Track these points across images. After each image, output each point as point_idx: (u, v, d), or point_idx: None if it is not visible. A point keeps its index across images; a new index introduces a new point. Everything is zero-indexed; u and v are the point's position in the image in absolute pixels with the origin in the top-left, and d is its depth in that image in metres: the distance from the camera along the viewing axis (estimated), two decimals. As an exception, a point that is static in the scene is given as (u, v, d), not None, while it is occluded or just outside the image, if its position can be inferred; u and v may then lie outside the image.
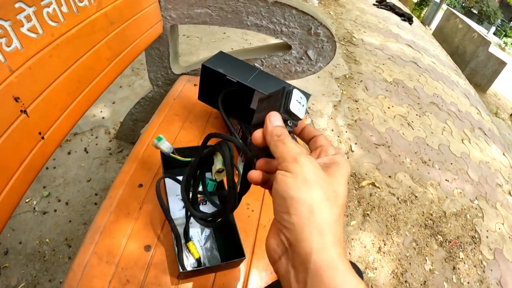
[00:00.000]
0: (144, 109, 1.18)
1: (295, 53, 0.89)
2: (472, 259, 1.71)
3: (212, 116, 0.85)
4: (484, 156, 2.56)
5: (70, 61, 0.62)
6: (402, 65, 3.23)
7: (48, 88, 0.57)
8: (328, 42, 0.86)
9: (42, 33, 0.54)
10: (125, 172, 0.69)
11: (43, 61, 0.55)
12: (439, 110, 2.84)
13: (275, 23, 0.83)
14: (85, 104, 0.68)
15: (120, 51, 0.78)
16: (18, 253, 1.06)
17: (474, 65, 5.46)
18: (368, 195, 1.73)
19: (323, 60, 0.89)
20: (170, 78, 1.04)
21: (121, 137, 1.39)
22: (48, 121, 0.58)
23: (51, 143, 0.59)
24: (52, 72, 0.58)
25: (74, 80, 0.63)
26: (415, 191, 1.93)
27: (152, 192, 0.66)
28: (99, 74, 0.71)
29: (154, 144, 0.60)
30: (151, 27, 0.87)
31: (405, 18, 4.87)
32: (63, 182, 1.24)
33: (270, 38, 2.68)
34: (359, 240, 1.52)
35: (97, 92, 0.72)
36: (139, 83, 1.77)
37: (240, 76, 0.66)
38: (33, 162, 0.55)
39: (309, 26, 0.83)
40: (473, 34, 5.51)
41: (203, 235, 0.61)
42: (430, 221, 1.83)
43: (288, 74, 0.93)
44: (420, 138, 2.34)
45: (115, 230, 0.59)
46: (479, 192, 2.17)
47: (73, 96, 0.64)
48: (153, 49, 0.99)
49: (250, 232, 0.67)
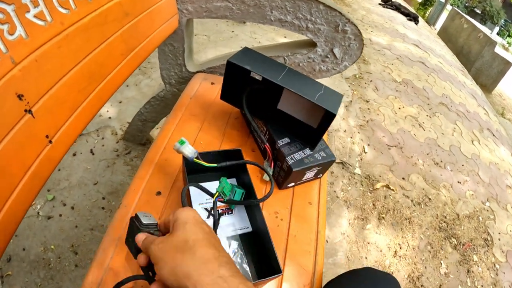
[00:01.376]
0: (154, 109, 1.12)
1: (320, 51, 0.83)
2: (485, 262, 1.69)
3: (232, 117, 0.80)
4: (493, 157, 2.54)
5: (82, 54, 0.55)
6: (410, 65, 3.18)
7: (56, 84, 0.50)
8: (355, 40, 0.80)
9: (50, 20, 0.48)
10: (141, 177, 0.63)
11: (51, 52, 0.48)
12: (448, 110, 2.80)
13: (301, 18, 0.77)
14: (97, 103, 0.62)
15: (134, 46, 0.72)
16: (21, 260, 1.00)
17: (480, 65, 5.41)
18: (382, 198, 1.68)
19: (349, 59, 0.83)
20: (184, 76, 0.98)
21: (129, 138, 1.34)
22: (56, 122, 0.51)
23: (60, 147, 0.53)
24: (61, 66, 0.51)
25: (85, 75, 0.57)
26: (428, 193, 1.89)
27: (172, 200, 0.60)
28: (112, 70, 0.65)
29: (176, 148, 0.54)
30: (167, 20, 0.81)
31: (410, 17, 4.82)
32: (68, 185, 1.18)
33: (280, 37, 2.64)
34: (375, 244, 1.48)
35: (110, 90, 0.66)
36: (146, 82, 1.71)
37: (268, 73, 0.60)
38: (40, 168, 0.48)
39: (337, 22, 0.78)
40: (478, 34, 5.46)
41: (231, 248, 0.55)
42: (444, 223, 1.81)
43: (311, 73, 0.88)
44: (432, 139, 2.30)
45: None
46: (490, 194, 2.15)
47: (84, 94, 0.58)
48: (166, 45, 0.93)
49: (279, 243, 0.61)
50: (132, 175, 1.26)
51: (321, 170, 0.70)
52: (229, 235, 0.57)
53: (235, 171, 0.64)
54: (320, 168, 0.68)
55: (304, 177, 0.68)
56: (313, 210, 0.69)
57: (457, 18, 6.14)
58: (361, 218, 1.55)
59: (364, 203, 1.61)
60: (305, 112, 0.64)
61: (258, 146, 0.73)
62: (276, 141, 0.64)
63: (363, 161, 1.80)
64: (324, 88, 0.63)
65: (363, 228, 1.52)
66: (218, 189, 0.52)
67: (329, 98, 0.60)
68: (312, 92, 0.59)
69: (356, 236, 1.47)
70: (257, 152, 0.72)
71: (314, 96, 0.58)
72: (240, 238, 0.58)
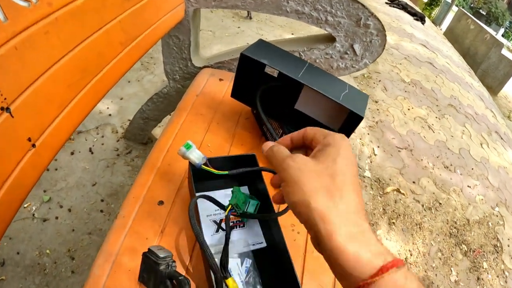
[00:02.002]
0: (157, 106, 1.06)
1: (339, 47, 0.76)
2: (494, 269, 1.66)
3: (243, 116, 0.73)
4: (502, 161, 2.50)
5: (73, 42, 0.48)
6: (418, 65, 3.11)
7: (41, 77, 0.42)
8: (377, 35, 0.74)
9: (35, 1, 0.40)
10: (141, 184, 0.56)
11: (36, 39, 0.41)
12: (457, 112, 2.74)
13: (320, 10, 0.70)
14: (91, 100, 0.55)
15: (135, 35, 0.65)
16: (16, 265, 0.94)
17: (486, 67, 5.34)
18: (393, 202, 1.62)
19: (369, 56, 0.77)
20: (190, 71, 0.92)
21: (130, 136, 1.27)
22: (40, 123, 0.44)
23: (45, 152, 0.45)
24: (47, 56, 0.43)
25: (77, 67, 0.49)
26: (439, 198, 1.84)
27: (176, 211, 0.53)
28: (109, 62, 0.58)
29: (182, 153, 0.47)
30: (172, 9, 0.74)
31: (417, 17, 4.74)
32: (65, 186, 1.12)
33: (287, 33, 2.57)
34: (385, 251, 1.43)
35: (107, 86, 0.59)
36: (149, 78, 1.65)
37: (287, 69, 0.54)
38: (22, 177, 0.41)
39: (359, 16, 0.71)
40: (485, 35, 5.38)
41: (244, 266, 0.49)
42: (455, 229, 1.78)
43: (328, 70, 0.81)
44: (441, 141, 2.24)
45: (131, 259, 0.47)
46: (499, 199, 2.12)
47: (76, 89, 0.50)
48: (171, 38, 0.87)
49: (296, 260, 0.55)
50: (132, 176, 1.20)
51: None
52: (240, 252, 0.51)
53: (247, 177, 0.57)
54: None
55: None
56: (331, 221, 0.63)
57: (463, 19, 6.06)
58: (372, 223, 1.49)
59: (374, 207, 1.55)
60: (326, 113, 0.58)
61: (272, 149, 0.66)
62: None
63: (373, 164, 1.74)
64: (348, 87, 0.57)
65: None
66: (231, 201, 0.46)
67: (355, 98, 0.54)
68: (336, 92, 0.53)
69: (366, 243, 1.42)
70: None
71: (338, 96, 0.52)
72: (253, 255, 0.52)
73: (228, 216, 0.45)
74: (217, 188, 0.56)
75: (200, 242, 0.39)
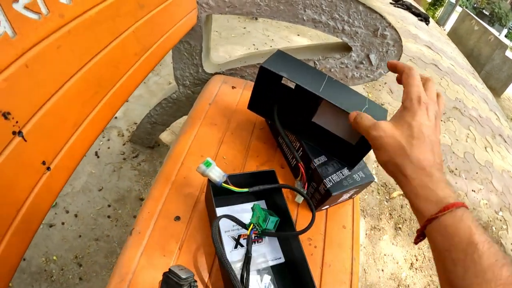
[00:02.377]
0: (166, 111, 1.05)
1: (354, 56, 0.75)
2: None
3: (257, 126, 0.72)
4: (506, 165, 2.49)
5: (87, 56, 0.45)
6: (423, 67, 3.09)
7: (53, 96, 0.39)
8: (394, 46, 0.72)
9: (46, 13, 0.37)
10: (155, 198, 0.55)
11: (48, 55, 0.38)
12: (461, 115, 2.73)
13: (337, 19, 0.68)
14: (106, 115, 0.52)
15: (149, 45, 0.63)
16: (22, 271, 0.93)
17: (490, 68, 5.31)
18: (399, 207, 1.62)
19: (384, 67, 0.75)
20: (200, 77, 0.90)
21: (136, 140, 1.26)
22: (54, 144, 0.41)
23: (60, 174, 0.43)
24: (60, 72, 0.40)
25: (92, 83, 0.46)
26: (444, 203, 1.83)
27: (193, 226, 0.52)
28: (124, 74, 0.56)
29: (201, 171, 0.46)
30: (185, 15, 0.73)
31: (421, 18, 4.71)
32: (71, 190, 1.10)
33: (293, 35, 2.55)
34: (392, 255, 1.43)
35: (122, 99, 0.57)
36: (155, 80, 1.63)
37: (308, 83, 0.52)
38: (37, 203, 0.38)
39: (376, 26, 0.69)
40: (489, 36, 5.36)
41: (263, 283, 0.48)
42: None
43: (343, 80, 0.79)
44: (446, 145, 2.23)
45: (148, 277, 0.46)
46: (503, 203, 2.12)
47: (90, 106, 0.47)
48: (182, 43, 0.85)
49: (314, 273, 0.53)
50: (139, 181, 1.18)
51: (357, 191, 0.62)
52: (259, 268, 0.50)
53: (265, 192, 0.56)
54: (357, 189, 0.61)
55: (340, 199, 0.61)
56: (347, 235, 0.62)
57: (467, 19, 6.03)
58: (378, 228, 1.48)
59: (381, 212, 1.54)
60: (344, 128, 0.56)
61: (288, 162, 0.65)
62: (312, 159, 0.57)
63: (379, 168, 1.73)
64: (368, 101, 0.55)
65: (380, 239, 1.46)
66: (252, 220, 0.45)
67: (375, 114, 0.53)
68: (355, 107, 0.52)
69: (372, 248, 1.41)
70: (287, 169, 0.65)
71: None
72: (272, 271, 0.51)
73: (251, 236, 0.43)
74: (235, 203, 0.55)
75: (225, 267, 0.38)
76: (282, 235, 0.49)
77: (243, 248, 0.50)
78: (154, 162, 1.27)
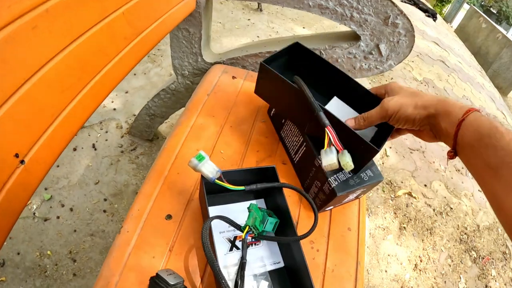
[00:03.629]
0: (164, 103, 1.01)
1: (363, 46, 0.70)
2: (503, 277, 1.63)
3: (258, 119, 0.68)
4: None
5: (69, 38, 0.41)
6: (431, 64, 3.02)
7: (28, 81, 0.36)
8: (405, 36, 0.68)
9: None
10: (146, 195, 0.51)
11: (22, 36, 0.35)
12: (469, 113, 2.67)
13: (345, 6, 0.64)
14: (90, 104, 0.48)
15: (142, 28, 0.58)
16: (16, 266, 0.91)
17: (497, 67, 5.21)
18: (404, 206, 1.57)
19: (395, 58, 0.71)
20: (200, 67, 0.86)
21: (135, 133, 1.22)
22: (29, 135, 0.38)
23: (37, 168, 0.39)
24: (36, 56, 0.37)
25: (73, 68, 0.42)
26: (450, 202, 1.79)
27: (185, 226, 0.48)
28: (112, 60, 0.51)
29: (193, 166, 0.41)
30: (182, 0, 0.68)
31: (429, 14, 4.61)
32: (67, 184, 1.07)
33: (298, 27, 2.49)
34: (396, 256, 1.39)
35: (108, 87, 0.52)
36: (156, 71, 1.59)
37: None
38: (9, 200, 0.35)
39: (387, 14, 0.65)
40: (497, 35, 5.25)
41: (261, 290, 0.44)
42: (465, 235, 1.74)
43: (350, 71, 0.75)
44: (453, 143, 2.17)
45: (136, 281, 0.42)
46: None
47: (71, 93, 0.43)
48: (180, 31, 0.81)
49: (315, 279, 0.50)
50: (137, 175, 1.15)
51: (364, 191, 0.58)
52: (257, 273, 0.46)
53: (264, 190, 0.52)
54: (364, 189, 0.56)
55: (345, 200, 0.56)
56: (352, 238, 0.58)
57: (475, 17, 5.91)
58: (382, 228, 1.44)
59: (386, 211, 1.50)
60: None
61: (290, 157, 0.61)
62: (316, 156, 0.53)
63: (384, 166, 1.68)
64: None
65: (384, 239, 1.42)
66: (248, 222, 0.41)
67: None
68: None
69: (376, 248, 1.37)
70: (289, 165, 0.61)
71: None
72: (270, 276, 0.47)
73: (245, 239, 0.40)
74: (232, 201, 0.51)
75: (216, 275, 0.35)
76: (280, 240, 0.46)
77: (239, 250, 0.46)
78: (153, 155, 1.23)
